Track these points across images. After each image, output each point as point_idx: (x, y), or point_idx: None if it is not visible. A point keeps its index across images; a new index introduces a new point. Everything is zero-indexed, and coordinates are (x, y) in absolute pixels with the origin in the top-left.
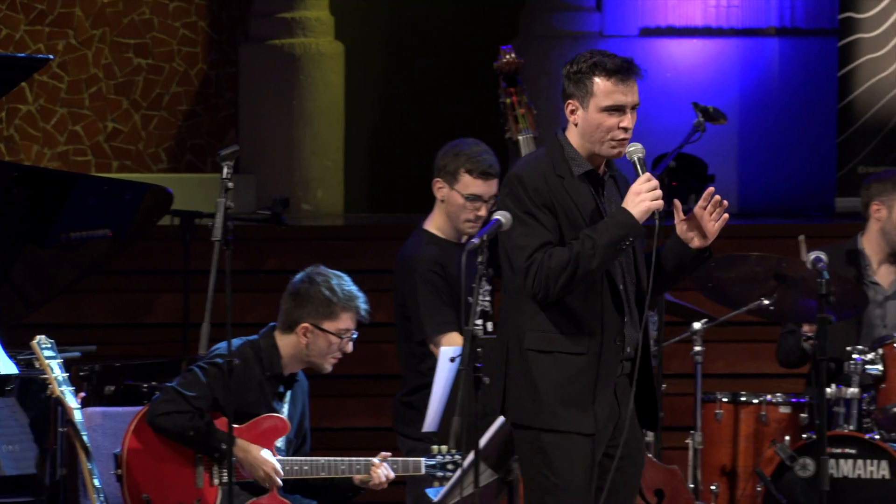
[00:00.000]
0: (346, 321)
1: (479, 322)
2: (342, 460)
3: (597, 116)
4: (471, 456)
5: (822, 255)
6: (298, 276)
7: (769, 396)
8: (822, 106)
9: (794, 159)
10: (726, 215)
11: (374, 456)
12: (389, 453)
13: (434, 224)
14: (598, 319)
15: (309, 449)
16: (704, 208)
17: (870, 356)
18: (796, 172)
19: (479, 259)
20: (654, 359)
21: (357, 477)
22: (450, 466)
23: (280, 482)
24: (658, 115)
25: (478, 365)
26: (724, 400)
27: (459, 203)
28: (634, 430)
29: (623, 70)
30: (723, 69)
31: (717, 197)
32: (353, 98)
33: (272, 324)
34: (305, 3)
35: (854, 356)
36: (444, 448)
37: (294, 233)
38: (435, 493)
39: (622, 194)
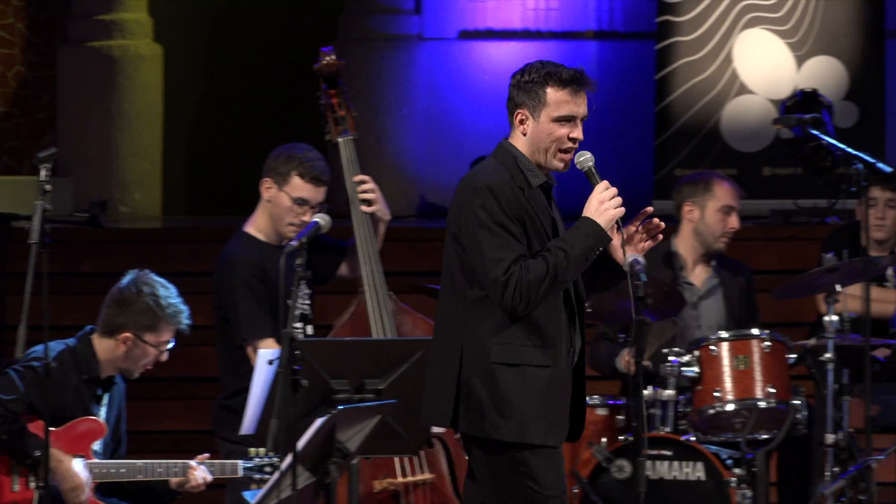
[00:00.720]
0: (166, 334)
1: (299, 325)
2: (159, 463)
3: (548, 126)
4: (289, 458)
5: (640, 258)
6: (125, 281)
7: (587, 398)
8: (640, 108)
9: (612, 162)
10: (660, 236)
11: (192, 459)
12: (207, 455)
13: (255, 226)
14: (559, 331)
15: (125, 452)
16: (637, 229)
17: (686, 358)
18: (614, 175)
19: (299, 261)
20: None
21: (174, 480)
22: (267, 469)
23: (84, 499)
24: (476, 117)
25: (296, 367)
26: None
27: (286, 205)
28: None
29: (576, 81)
30: None
31: (656, 220)
32: (172, 100)
33: (90, 327)
34: (124, 5)
35: (670, 358)
36: (261, 451)
37: (112, 235)
38: (252, 495)
39: (554, 204)
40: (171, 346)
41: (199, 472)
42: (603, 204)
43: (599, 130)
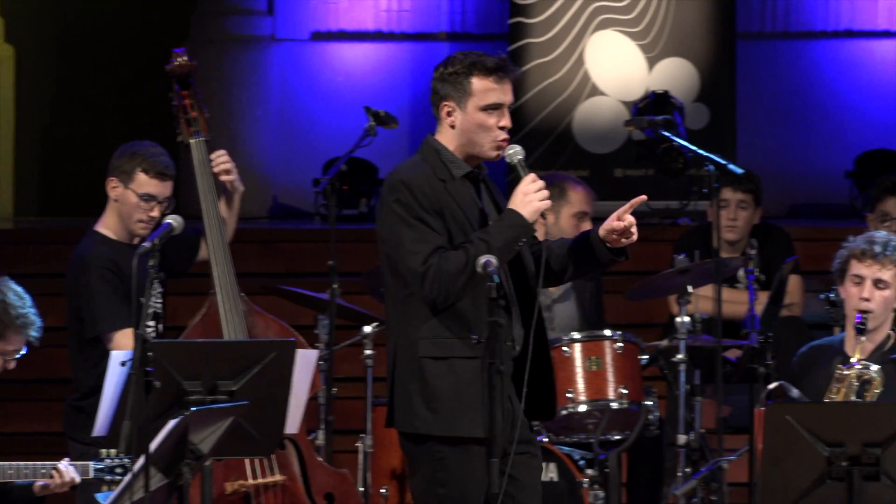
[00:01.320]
0: (14, 343)
1: (151, 324)
2: (25, 465)
3: (477, 116)
4: (141, 460)
5: (493, 259)
6: None
7: None
8: None
9: None
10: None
11: (45, 461)
12: (67, 459)
13: (105, 225)
14: (481, 321)
15: None
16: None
17: None
18: None
19: (151, 262)
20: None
21: (38, 484)
22: (119, 470)
23: None
24: (329, 119)
25: (148, 369)
26: None
27: (133, 202)
28: (525, 427)
29: (500, 68)
30: (394, 73)
31: (630, 219)
32: (23, 101)
33: None
34: None
35: None
36: (112, 452)
37: None
38: (104, 497)
39: (493, 195)
40: (19, 355)
41: (66, 471)
42: (528, 196)
43: None
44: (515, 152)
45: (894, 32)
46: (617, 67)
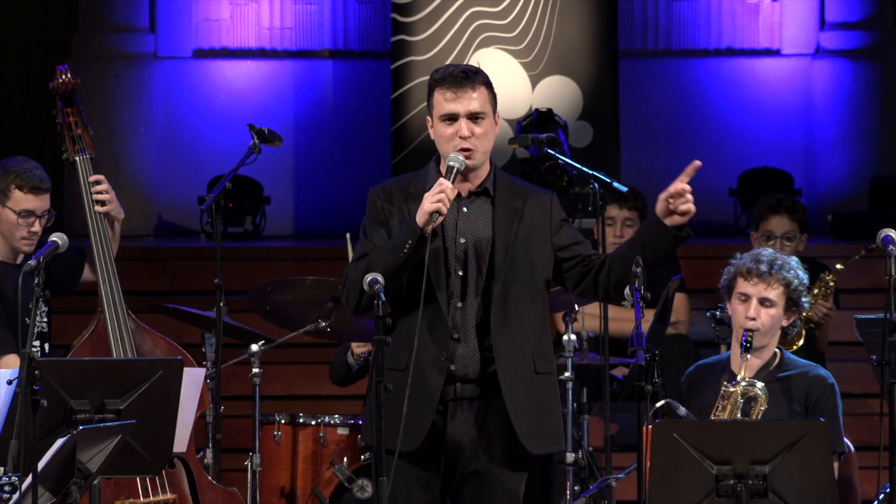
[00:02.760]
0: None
1: (37, 344)
2: None
3: (438, 127)
4: (29, 478)
5: (379, 277)
6: None
7: (327, 418)
8: (377, 127)
9: (349, 181)
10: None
11: None
12: None
13: None
14: (415, 335)
15: None
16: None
17: None
18: (352, 194)
19: (37, 280)
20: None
21: None
22: (7, 489)
23: None
24: (213, 136)
25: (35, 387)
26: (283, 422)
27: (13, 220)
28: (488, 450)
29: (452, 78)
30: (278, 91)
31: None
32: None
33: None
34: None
35: None
36: (0, 470)
37: None
38: None
39: (495, 214)
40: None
41: None
42: (425, 199)
43: (336, 148)
44: (451, 159)
45: (776, 51)
46: (500, 85)
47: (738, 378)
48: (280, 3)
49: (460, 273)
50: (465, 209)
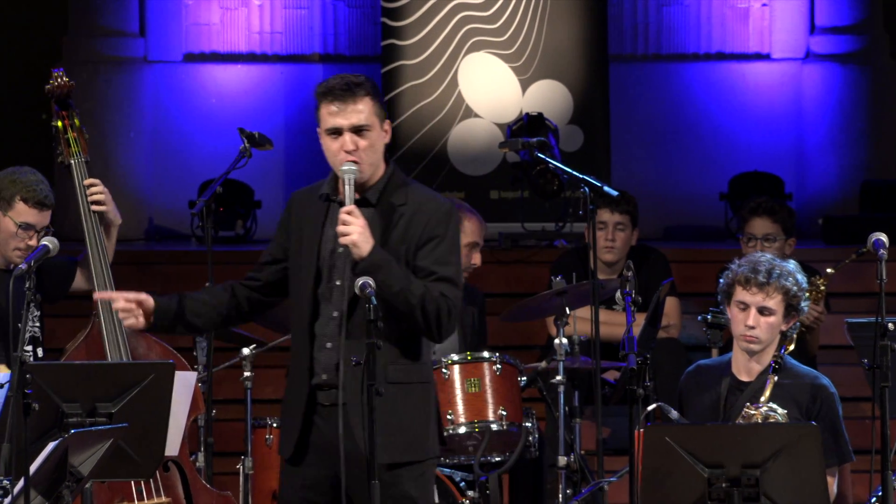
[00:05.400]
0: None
1: (29, 348)
2: None
3: (325, 141)
4: (21, 482)
5: (370, 281)
6: None
7: None
8: None
9: None
10: None
11: None
12: None
13: None
14: (295, 344)
15: None
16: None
17: None
18: None
19: (28, 284)
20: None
21: None
22: None
23: None
24: (204, 141)
25: (27, 391)
26: (275, 425)
27: (11, 231)
28: (358, 460)
29: (334, 91)
30: (268, 95)
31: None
32: None
33: None
34: None
35: None
36: None
37: None
38: None
39: (385, 222)
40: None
41: None
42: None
43: None
44: (343, 171)
45: (766, 55)
46: (491, 89)
47: (761, 401)
48: (270, 7)
49: (338, 283)
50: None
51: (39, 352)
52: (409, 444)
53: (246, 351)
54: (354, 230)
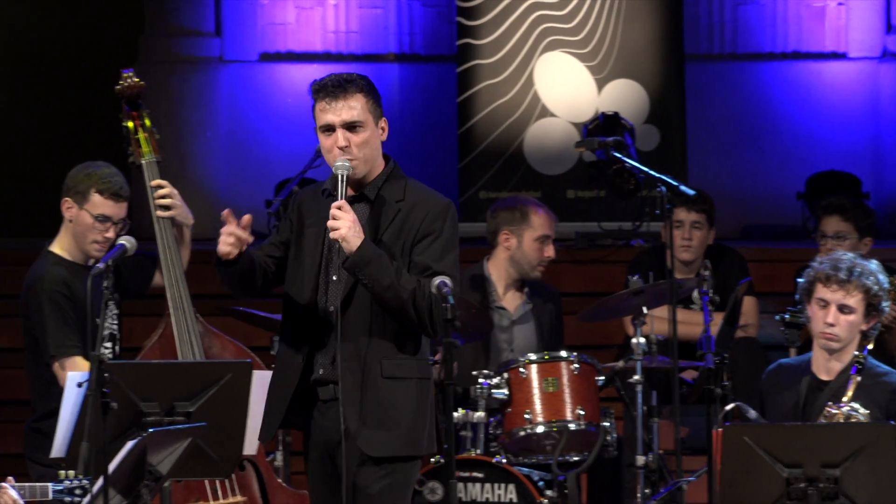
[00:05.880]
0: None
1: (108, 346)
2: None
3: (320, 138)
4: (100, 481)
5: (448, 280)
6: None
7: None
8: (443, 131)
9: None
10: None
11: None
12: (12, 477)
13: (60, 246)
14: (288, 334)
15: None
16: None
17: (496, 380)
18: None
19: (105, 283)
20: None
21: None
22: (78, 492)
23: None
24: (280, 140)
25: (105, 390)
26: None
27: (88, 223)
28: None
29: (326, 89)
30: None
31: None
32: None
33: None
34: None
35: (480, 380)
36: (71, 473)
37: None
38: None
39: (379, 219)
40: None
41: (11, 492)
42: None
43: (403, 153)
44: (336, 167)
45: (842, 54)
46: (566, 89)
47: (843, 401)
48: (346, 6)
49: (334, 278)
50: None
51: (117, 349)
52: (403, 439)
53: None
54: (343, 224)
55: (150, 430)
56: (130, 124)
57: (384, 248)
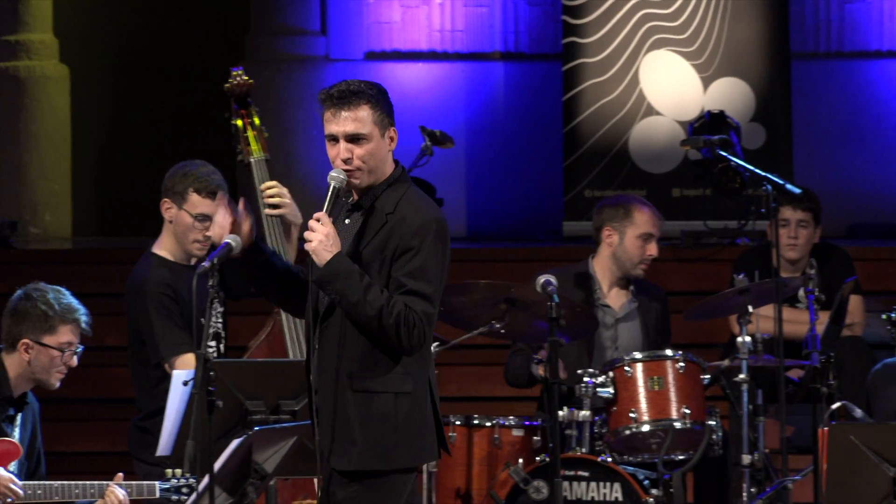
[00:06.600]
0: (66, 334)
1: (213, 344)
2: (76, 484)
3: (327, 147)
4: (206, 479)
5: (552, 279)
6: (17, 293)
7: (502, 419)
8: (548, 130)
9: (521, 183)
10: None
11: (109, 480)
12: (122, 475)
13: (163, 247)
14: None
15: (45, 472)
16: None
17: (601, 379)
18: (524, 196)
19: (211, 282)
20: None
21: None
22: (184, 490)
23: (21, 491)
24: None
25: (211, 388)
26: (458, 423)
27: (188, 223)
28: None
29: (331, 98)
30: (449, 93)
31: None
32: (79, 121)
33: None
34: (29, 26)
35: (585, 379)
36: (178, 472)
37: (22, 256)
38: None
39: (366, 227)
40: (79, 349)
41: (116, 492)
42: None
43: (508, 152)
44: (330, 177)
45: None
46: (672, 87)
47: None
48: (451, 5)
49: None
50: (346, 221)
51: (222, 348)
52: (362, 453)
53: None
54: (315, 237)
55: (256, 428)
56: (239, 122)
57: (364, 261)
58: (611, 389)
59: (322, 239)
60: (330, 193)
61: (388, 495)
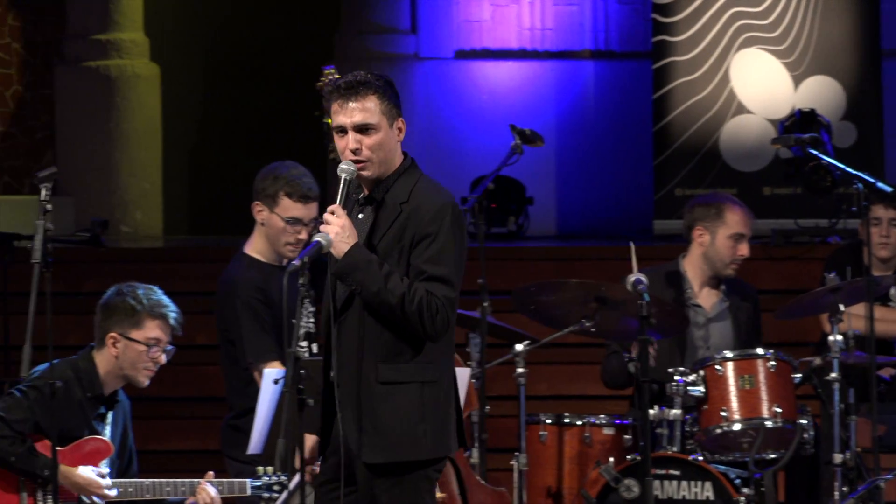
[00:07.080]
0: (153, 329)
1: (304, 344)
2: (167, 482)
3: (335, 139)
4: (296, 477)
5: (643, 278)
6: (109, 290)
7: (593, 418)
8: (639, 128)
9: (611, 181)
10: None
11: (199, 478)
12: (212, 473)
13: (254, 247)
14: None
15: (137, 470)
16: None
17: (692, 378)
18: (614, 195)
19: (301, 281)
20: (384, 385)
21: (188, 501)
22: (276, 488)
23: (111, 494)
24: (475, 137)
25: (301, 387)
26: (548, 422)
27: (279, 226)
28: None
29: (338, 90)
30: (539, 92)
31: None
32: (170, 120)
33: (91, 344)
34: (120, 25)
35: (676, 378)
36: (269, 469)
37: (114, 255)
38: None
39: (378, 220)
40: (169, 348)
41: (208, 489)
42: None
43: (598, 150)
44: (340, 169)
45: None
46: (762, 85)
47: None
48: (541, 3)
49: (339, 282)
50: (359, 216)
51: (314, 347)
52: (393, 444)
53: (519, 347)
54: (332, 230)
55: None
56: (330, 121)
57: (382, 252)
58: (702, 388)
59: (338, 231)
60: (342, 186)
61: (422, 485)
